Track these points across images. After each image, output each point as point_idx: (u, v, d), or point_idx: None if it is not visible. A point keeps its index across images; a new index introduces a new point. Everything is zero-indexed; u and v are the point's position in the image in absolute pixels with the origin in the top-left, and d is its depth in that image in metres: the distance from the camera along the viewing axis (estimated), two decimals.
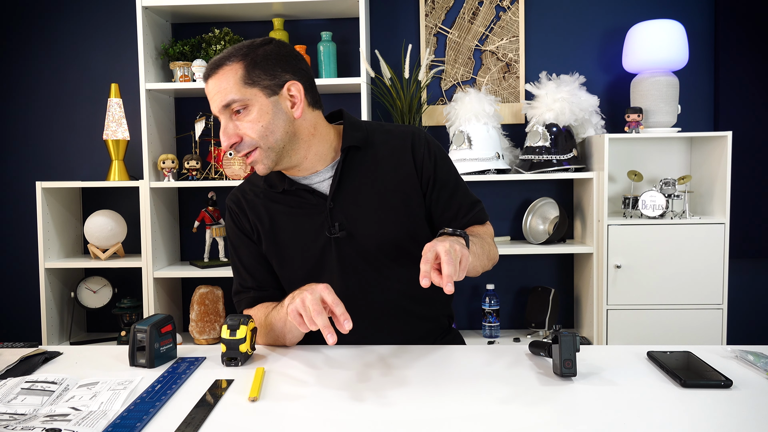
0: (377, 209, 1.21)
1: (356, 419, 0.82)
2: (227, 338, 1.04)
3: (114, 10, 2.58)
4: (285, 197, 1.24)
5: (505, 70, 2.55)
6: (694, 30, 2.48)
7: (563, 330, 1.27)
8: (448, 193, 1.26)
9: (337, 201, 1.20)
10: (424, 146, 1.24)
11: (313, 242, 1.22)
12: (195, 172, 2.41)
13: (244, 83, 1.11)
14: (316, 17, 2.52)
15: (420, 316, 1.28)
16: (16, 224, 2.64)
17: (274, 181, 1.24)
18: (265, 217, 1.25)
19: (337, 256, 1.21)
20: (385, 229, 1.21)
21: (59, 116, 2.62)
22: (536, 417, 0.81)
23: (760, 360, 0.99)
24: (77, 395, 0.90)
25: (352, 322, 0.96)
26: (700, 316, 2.22)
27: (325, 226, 1.20)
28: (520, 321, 2.60)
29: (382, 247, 1.21)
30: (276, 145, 1.14)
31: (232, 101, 1.11)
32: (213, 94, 1.12)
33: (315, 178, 1.22)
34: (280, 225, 1.24)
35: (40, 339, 2.45)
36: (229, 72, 1.11)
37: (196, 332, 2.39)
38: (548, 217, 2.47)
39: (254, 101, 1.11)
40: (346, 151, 1.20)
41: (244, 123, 1.12)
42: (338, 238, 1.20)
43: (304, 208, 1.22)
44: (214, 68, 1.12)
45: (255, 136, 1.12)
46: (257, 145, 1.13)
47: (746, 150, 2.46)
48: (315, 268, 1.23)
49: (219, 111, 1.13)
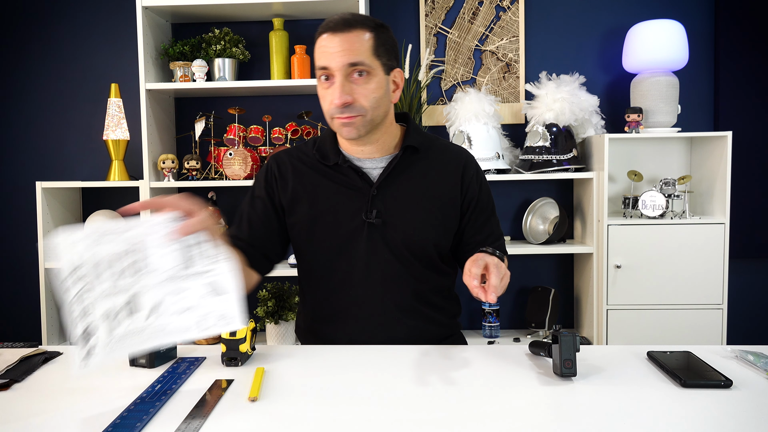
0: (415, 210, 1.26)
1: (356, 419, 0.82)
2: (227, 338, 1.05)
3: (114, 10, 2.58)
4: (332, 172, 1.27)
5: (505, 70, 2.55)
6: (694, 30, 2.48)
7: (563, 330, 1.27)
8: (484, 219, 1.32)
9: (380, 190, 1.25)
10: (475, 170, 1.32)
11: (347, 222, 1.25)
12: (195, 172, 2.41)
13: (373, 53, 1.17)
14: (316, 17, 2.52)
15: (429, 319, 1.30)
16: (16, 224, 2.64)
17: (329, 153, 1.27)
18: (308, 185, 1.28)
19: (366, 241, 1.24)
20: (416, 229, 1.25)
21: (59, 116, 2.62)
22: (536, 417, 0.81)
23: (760, 360, 0.99)
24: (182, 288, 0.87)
25: None
26: (700, 316, 2.22)
27: (363, 209, 1.24)
28: (520, 321, 2.60)
29: (409, 245, 1.25)
30: (376, 119, 1.20)
31: (361, 63, 1.15)
32: (338, 50, 1.15)
33: (368, 164, 1.27)
34: (320, 196, 1.27)
35: (40, 339, 2.45)
36: (361, 36, 1.16)
37: None
38: (548, 217, 2.47)
39: (376, 73, 1.18)
40: (404, 149, 1.26)
41: (361, 89, 1.17)
42: (372, 224, 1.24)
43: (347, 186, 1.26)
44: (345, 26, 1.15)
45: (366, 104, 1.17)
46: (364, 113, 1.18)
47: (746, 150, 2.46)
48: (343, 247, 1.25)
49: (339, 68, 1.15)
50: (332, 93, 1.16)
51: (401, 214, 1.25)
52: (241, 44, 2.47)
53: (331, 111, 1.19)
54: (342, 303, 1.27)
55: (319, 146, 1.29)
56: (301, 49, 2.36)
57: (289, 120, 2.51)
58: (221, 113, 2.54)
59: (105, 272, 0.85)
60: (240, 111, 2.41)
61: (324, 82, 1.19)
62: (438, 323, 1.32)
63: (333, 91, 1.16)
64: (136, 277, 0.86)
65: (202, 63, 2.35)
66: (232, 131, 2.40)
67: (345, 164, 1.25)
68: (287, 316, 2.28)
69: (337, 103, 1.15)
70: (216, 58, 2.39)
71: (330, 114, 1.19)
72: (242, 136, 2.41)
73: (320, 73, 1.19)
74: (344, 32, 1.15)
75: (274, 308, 2.27)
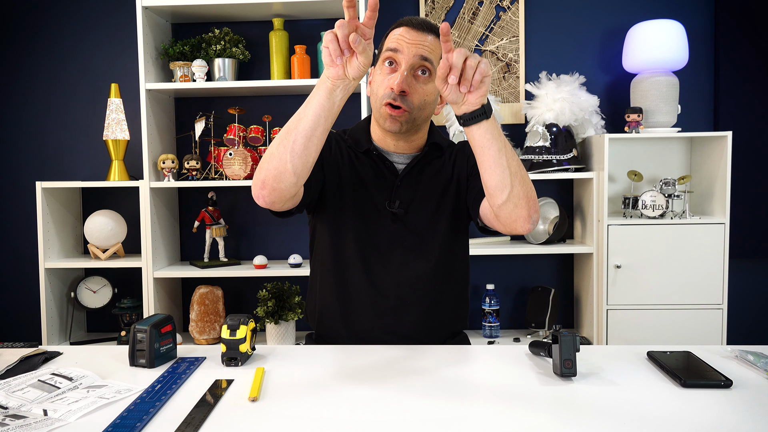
0: (432, 204, 1.31)
1: (356, 419, 0.82)
2: (227, 338, 1.05)
3: (114, 10, 2.58)
4: (364, 158, 1.32)
5: (505, 70, 2.55)
6: (694, 30, 2.48)
7: (563, 330, 1.27)
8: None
9: (404, 182, 1.31)
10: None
11: (372, 207, 1.30)
12: (195, 172, 2.41)
13: (439, 59, 1.21)
14: (316, 17, 2.52)
15: (441, 313, 1.33)
16: (16, 224, 2.64)
17: (361, 140, 1.32)
18: (348, 164, 1.32)
19: (387, 229, 1.29)
20: (432, 221, 1.31)
21: (59, 116, 2.62)
22: (536, 417, 0.81)
23: (760, 360, 0.99)
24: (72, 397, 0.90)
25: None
26: (700, 316, 2.22)
27: (387, 198, 1.30)
28: (520, 321, 2.60)
29: (422, 236, 1.30)
30: (419, 119, 1.24)
31: (430, 63, 1.20)
32: (415, 42, 1.19)
33: (395, 157, 1.32)
34: (352, 177, 1.32)
35: (40, 339, 2.46)
36: (436, 42, 1.21)
37: (196, 332, 2.39)
38: (548, 217, 2.47)
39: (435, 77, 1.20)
40: (430, 146, 1.32)
41: (419, 87, 1.21)
42: (394, 213, 1.29)
43: (374, 173, 1.32)
44: (427, 28, 1.21)
45: (417, 102, 1.21)
46: (411, 109, 1.21)
47: (746, 150, 2.46)
48: (365, 229, 1.29)
49: (410, 57, 1.19)
50: (393, 78, 1.20)
51: (420, 206, 1.30)
52: (241, 44, 2.47)
53: (384, 96, 1.21)
54: (358, 288, 1.29)
55: (352, 133, 1.35)
56: (301, 49, 2.36)
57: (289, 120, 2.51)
58: (221, 113, 2.54)
59: None
60: (240, 111, 2.41)
61: (386, 67, 1.22)
62: (449, 319, 1.34)
63: (395, 77, 1.20)
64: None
65: (202, 63, 2.35)
66: (232, 131, 2.40)
67: (375, 152, 1.31)
68: (287, 316, 2.28)
69: (396, 89, 1.18)
70: (216, 58, 2.39)
71: (382, 99, 1.22)
72: (242, 136, 2.41)
73: (387, 56, 1.21)
74: (425, 32, 1.20)
75: (274, 308, 2.27)
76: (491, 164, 1.06)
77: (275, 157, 1.06)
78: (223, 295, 2.46)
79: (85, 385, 0.95)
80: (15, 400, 0.88)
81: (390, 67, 1.21)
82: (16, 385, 0.94)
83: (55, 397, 0.90)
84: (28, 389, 0.92)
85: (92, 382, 0.96)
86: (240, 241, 2.62)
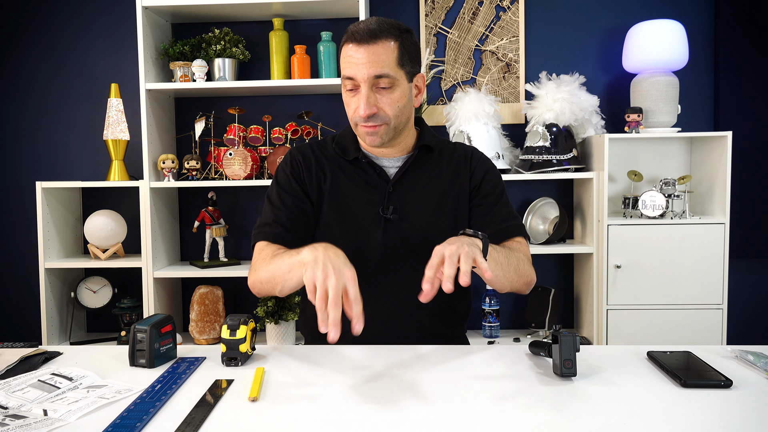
0: (429, 206, 1.30)
1: (356, 419, 0.82)
2: (227, 338, 1.05)
3: (114, 10, 2.58)
4: (351, 166, 1.32)
5: (505, 70, 2.55)
6: (694, 30, 2.48)
7: (563, 330, 1.27)
8: (490, 202, 1.33)
9: (396, 187, 1.30)
10: (480, 160, 1.36)
11: (364, 216, 1.29)
12: (195, 172, 2.41)
13: (397, 63, 1.20)
14: (316, 17, 2.52)
15: (440, 317, 1.32)
16: (16, 224, 2.64)
17: (349, 148, 1.32)
18: (329, 177, 1.31)
19: (382, 236, 1.28)
20: (431, 224, 1.29)
21: (59, 116, 2.61)
22: (536, 417, 0.82)
23: (760, 360, 0.99)
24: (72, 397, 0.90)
25: (363, 325, 0.94)
26: (700, 316, 2.22)
27: (379, 205, 1.29)
28: (520, 321, 2.60)
29: (424, 239, 1.27)
30: (399, 125, 1.25)
31: (386, 76, 1.19)
32: (364, 62, 1.18)
33: (385, 162, 1.32)
34: (340, 189, 1.31)
35: (40, 339, 2.45)
36: (386, 47, 1.19)
37: (196, 332, 2.39)
38: (548, 217, 2.47)
39: (400, 83, 1.22)
40: (420, 148, 1.32)
41: (385, 98, 1.21)
42: (388, 219, 1.28)
43: (365, 181, 1.31)
44: (372, 37, 1.18)
45: (390, 113, 1.22)
46: (388, 121, 1.22)
47: (746, 150, 2.46)
48: (359, 241, 1.28)
49: (365, 79, 1.19)
50: (357, 103, 1.20)
51: (416, 210, 1.29)
52: (241, 44, 2.47)
53: (355, 118, 1.23)
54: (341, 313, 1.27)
55: (339, 141, 1.34)
56: (301, 49, 2.36)
57: (289, 120, 2.51)
58: (221, 113, 2.54)
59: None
60: (240, 111, 2.41)
61: (349, 91, 1.23)
62: (448, 323, 1.34)
63: (358, 101, 1.20)
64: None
65: (202, 63, 2.35)
66: (232, 131, 2.40)
67: (364, 160, 1.30)
68: (287, 316, 2.28)
69: (362, 114, 1.20)
70: (216, 58, 2.39)
71: (354, 121, 1.24)
72: (242, 136, 2.41)
73: (345, 82, 1.22)
74: (370, 43, 1.18)
75: (274, 308, 2.27)
76: (492, 282, 1.15)
77: (265, 281, 1.17)
78: (223, 295, 2.46)
79: (85, 385, 0.95)
80: (15, 400, 0.88)
81: (352, 91, 1.22)
82: (16, 385, 0.94)
83: (55, 397, 0.90)
84: (28, 389, 0.92)
85: (92, 382, 0.96)
86: (240, 241, 2.62)
